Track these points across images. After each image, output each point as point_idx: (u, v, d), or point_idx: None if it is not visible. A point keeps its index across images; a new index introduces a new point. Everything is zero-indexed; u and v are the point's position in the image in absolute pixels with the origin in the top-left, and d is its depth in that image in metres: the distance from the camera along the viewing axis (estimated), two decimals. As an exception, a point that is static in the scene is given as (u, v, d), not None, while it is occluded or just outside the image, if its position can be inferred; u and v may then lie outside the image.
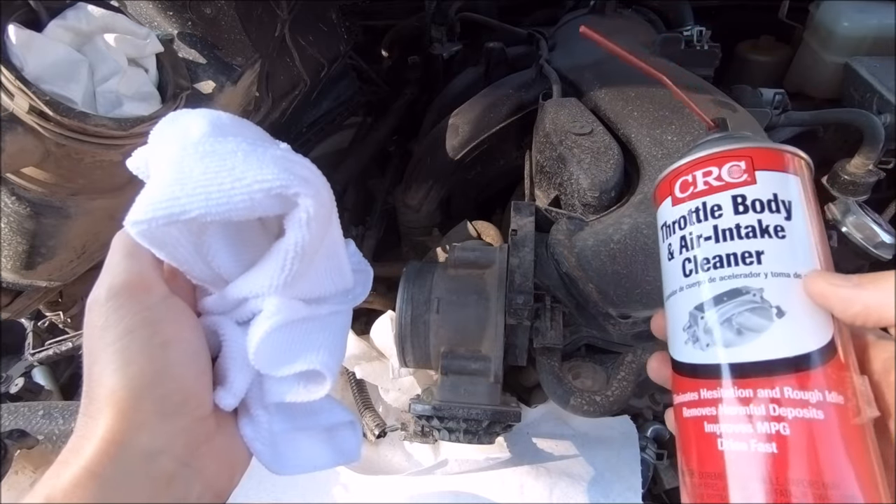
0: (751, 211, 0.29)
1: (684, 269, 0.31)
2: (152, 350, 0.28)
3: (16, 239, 0.53)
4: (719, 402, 0.27)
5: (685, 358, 0.30)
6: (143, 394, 0.27)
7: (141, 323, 0.28)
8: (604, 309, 0.54)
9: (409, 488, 0.63)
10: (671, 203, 0.33)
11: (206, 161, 0.27)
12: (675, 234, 0.32)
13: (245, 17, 0.66)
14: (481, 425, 0.55)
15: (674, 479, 0.66)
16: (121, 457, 0.26)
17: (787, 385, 0.25)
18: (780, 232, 0.28)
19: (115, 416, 0.27)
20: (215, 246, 0.30)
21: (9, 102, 0.43)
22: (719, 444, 0.26)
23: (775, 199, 0.29)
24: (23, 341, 0.97)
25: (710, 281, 0.29)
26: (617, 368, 0.54)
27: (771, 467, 0.25)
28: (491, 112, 0.82)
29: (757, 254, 0.28)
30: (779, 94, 0.87)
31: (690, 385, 0.29)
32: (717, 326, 0.28)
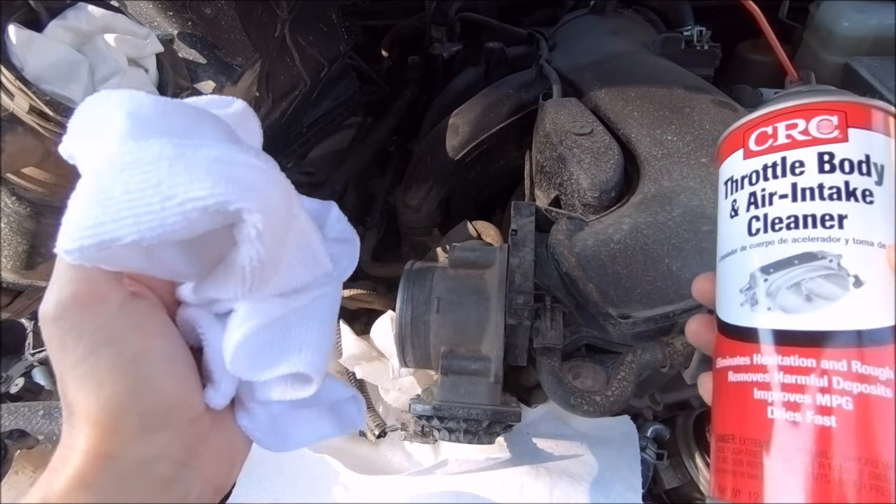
0: (838, 171, 0.27)
1: (750, 228, 0.28)
2: (122, 368, 0.25)
3: (16, 239, 0.53)
4: (776, 370, 0.25)
5: (739, 321, 0.28)
6: (123, 413, 0.25)
7: (102, 341, 0.25)
8: (604, 309, 0.54)
9: (409, 488, 0.63)
10: (742, 156, 0.30)
11: (126, 175, 0.23)
12: (743, 189, 0.29)
13: (245, 17, 0.66)
14: (481, 425, 0.55)
15: (674, 479, 0.66)
16: (112, 466, 0.25)
17: (855, 359, 0.24)
18: (868, 197, 0.26)
19: (97, 434, 0.25)
20: (169, 257, 0.27)
21: (9, 102, 0.43)
22: (769, 412, 0.25)
23: (867, 161, 0.27)
24: (23, 341, 0.97)
25: (781, 242, 0.27)
26: (617, 368, 0.54)
27: (824, 441, 0.23)
28: (491, 112, 0.82)
29: (840, 217, 0.26)
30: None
31: (741, 349, 0.27)
32: (782, 290, 0.26)
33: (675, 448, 0.66)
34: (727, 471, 0.27)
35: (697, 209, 0.57)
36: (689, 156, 0.61)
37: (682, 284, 0.55)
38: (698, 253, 0.55)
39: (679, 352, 0.53)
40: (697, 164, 0.60)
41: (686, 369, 0.54)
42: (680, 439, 0.67)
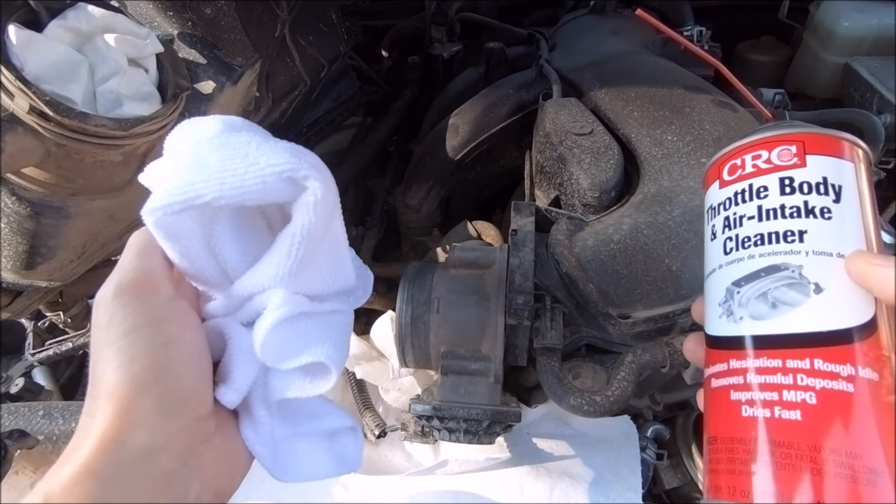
0: (797, 192, 0.30)
1: (725, 248, 0.32)
2: (155, 348, 0.28)
3: (16, 239, 0.53)
4: (747, 372, 0.28)
5: (718, 331, 0.31)
6: (144, 390, 0.27)
7: (145, 321, 0.29)
8: (604, 309, 0.54)
9: (409, 488, 0.63)
10: (718, 186, 0.34)
11: (221, 151, 0.28)
12: (720, 215, 0.33)
13: (245, 18, 0.66)
14: (481, 425, 0.55)
15: (674, 479, 0.66)
16: (119, 454, 0.26)
17: (817, 357, 0.26)
18: (826, 213, 0.29)
19: (114, 412, 0.27)
20: (224, 238, 0.31)
21: (9, 102, 0.43)
22: (743, 411, 0.28)
23: (825, 183, 0.30)
24: (23, 341, 0.97)
25: (750, 258, 0.30)
26: (617, 368, 0.54)
27: (794, 433, 0.26)
28: (491, 112, 0.82)
29: (799, 233, 0.29)
30: (779, 94, 0.87)
31: (720, 357, 0.30)
32: (751, 300, 0.29)
33: (675, 448, 0.66)
34: (714, 470, 0.29)
35: (697, 209, 0.57)
36: (689, 156, 0.61)
37: (681, 284, 0.55)
38: (698, 253, 0.55)
39: (679, 352, 0.53)
40: (697, 164, 0.60)
41: (686, 369, 0.54)
42: (680, 439, 0.67)
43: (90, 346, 0.30)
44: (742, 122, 0.66)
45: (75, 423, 0.66)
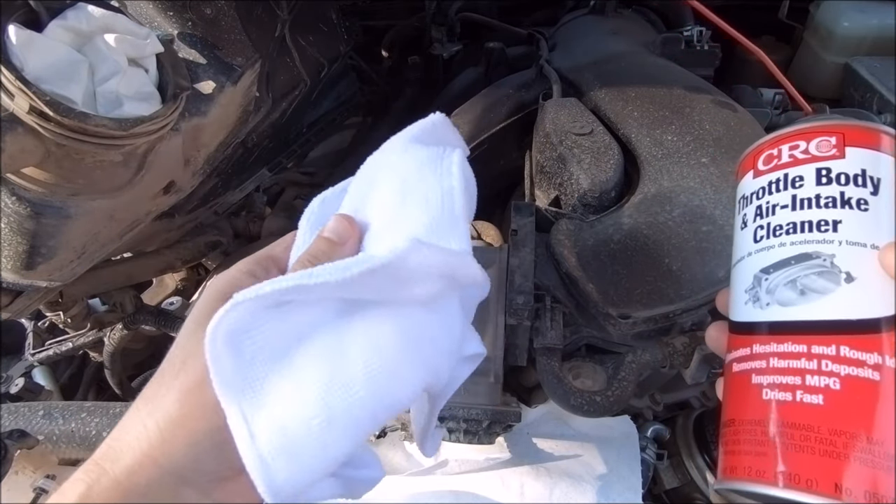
0: (834, 183, 0.30)
1: (755, 236, 0.32)
2: None
3: (16, 239, 0.53)
4: (770, 356, 0.28)
5: (743, 318, 0.31)
6: (212, 434, 0.27)
7: None
8: (604, 309, 0.54)
9: (409, 488, 0.63)
10: (752, 176, 0.34)
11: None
12: (752, 204, 0.33)
13: (245, 18, 0.66)
14: (481, 425, 0.55)
15: (674, 479, 0.66)
16: (153, 478, 0.26)
17: (844, 345, 0.26)
18: (862, 205, 0.29)
19: (170, 437, 0.26)
20: None
21: (9, 102, 0.43)
22: (764, 394, 0.28)
23: (863, 175, 0.29)
24: (23, 341, 0.97)
25: (780, 246, 0.30)
26: (617, 368, 0.54)
27: (814, 417, 0.26)
28: (491, 112, 0.82)
29: (834, 222, 0.29)
30: (779, 95, 0.87)
31: (744, 342, 0.30)
32: (779, 287, 0.29)
33: (675, 448, 0.66)
34: (730, 452, 0.29)
35: (697, 209, 0.57)
36: (689, 156, 0.61)
37: (682, 284, 0.55)
38: (698, 253, 0.55)
39: (679, 352, 0.53)
40: (697, 164, 0.60)
41: (686, 369, 0.54)
42: (680, 439, 0.66)
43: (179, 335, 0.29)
44: (742, 122, 0.66)
45: (75, 422, 0.66)
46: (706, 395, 0.75)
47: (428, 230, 0.31)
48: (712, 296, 0.54)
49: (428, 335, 0.30)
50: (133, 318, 0.89)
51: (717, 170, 0.59)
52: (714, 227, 0.56)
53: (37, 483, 0.63)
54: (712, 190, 0.58)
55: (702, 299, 0.54)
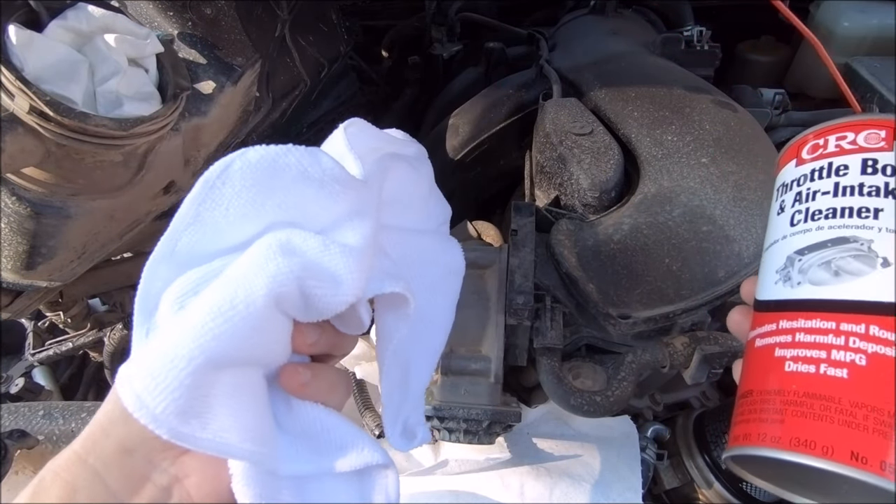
0: (880, 174, 0.30)
1: (792, 220, 0.32)
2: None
3: (16, 239, 0.53)
4: (797, 332, 0.29)
5: (771, 296, 0.32)
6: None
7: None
8: (604, 309, 0.54)
9: (409, 488, 0.63)
10: (794, 164, 0.34)
11: None
12: (791, 190, 0.33)
13: (245, 18, 0.66)
14: (481, 425, 0.55)
15: (674, 479, 0.66)
16: (101, 444, 0.27)
17: (874, 324, 0.27)
18: None
19: (113, 402, 0.27)
20: None
21: (9, 103, 0.43)
22: (786, 366, 0.29)
23: None
24: (23, 341, 0.97)
25: (818, 229, 0.31)
26: (617, 368, 0.54)
27: (837, 389, 0.27)
28: (491, 112, 0.82)
29: (875, 210, 0.29)
30: (779, 94, 0.87)
31: (770, 318, 0.31)
32: (813, 267, 0.30)
33: (675, 448, 0.66)
34: (743, 421, 0.30)
35: (697, 209, 0.57)
36: (689, 156, 0.61)
37: (681, 284, 0.55)
38: (698, 253, 0.55)
39: (679, 352, 0.53)
40: (697, 164, 0.60)
41: (686, 369, 0.54)
42: (680, 439, 0.66)
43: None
44: (742, 122, 0.66)
45: (75, 422, 0.65)
46: (706, 395, 0.75)
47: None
48: (712, 296, 0.54)
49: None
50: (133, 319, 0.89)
51: (717, 170, 0.59)
52: (714, 227, 0.56)
53: (37, 483, 0.63)
54: (712, 190, 0.58)
55: (702, 299, 0.54)
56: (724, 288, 0.54)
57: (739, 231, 0.56)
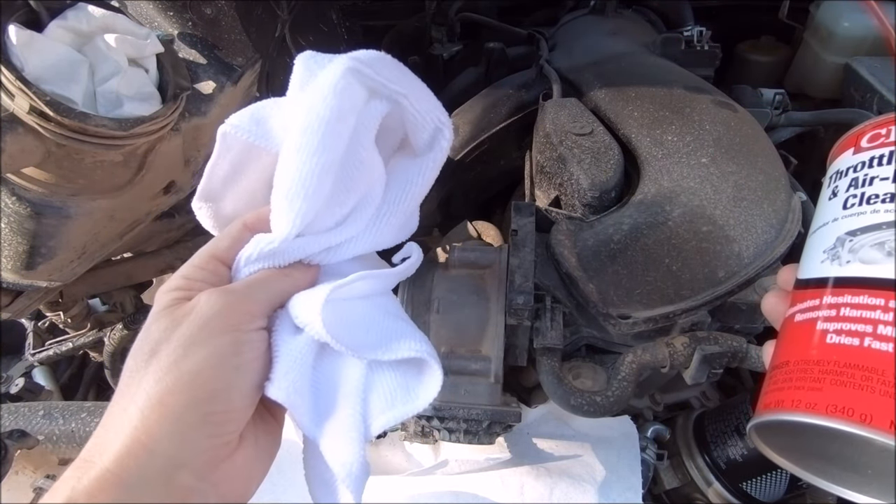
0: None
1: (845, 204, 0.32)
2: (226, 370, 0.28)
3: (16, 239, 0.53)
4: (843, 307, 0.29)
5: (816, 274, 0.32)
6: (195, 406, 0.27)
7: (230, 339, 0.29)
8: (604, 309, 0.54)
9: (409, 488, 0.63)
10: (852, 152, 0.34)
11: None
12: (847, 177, 0.34)
13: (245, 18, 0.66)
14: (481, 425, 0.55)
15: (674, 479, 0.66)
16: (146, 462, 0.26)
17: None
18: None
19: (157, 418, 0.26)
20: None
21: (9, 103, 0.43)
22: (829, 338, 0.29)
23: None
24: (23, 341, 0.97)
25: (873, 212, 0.31)
26: (617, 369, 0.54)
27: (881, 361, 0.27)
28: (491, 112, 0.82)
29: (893, 196, 0.30)
30: (779, 95, 0.87)
31: (813, 294, 0.31)
32: (865, 247, 0.30)
33: (675, 448, 0.66)
34: (776, 389, 0.30)
35: (697, 209, 0.57)
36: (689, 156, 0.61)
37: (682, 284, 0.55)
38: (698, 253, 0.55)
39: (679, 352, 0.53)
40: (697, 164, 0.60)
41: (686, 369, 0.54)
42: (680, 439, 0.67)
43: (143, 331, 0.29)
44: (742, 122, 0.66)
45: (75, 422, 0.66)
46: (706, 396, 0.75)
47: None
48: (712, 296, 0.54)
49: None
50: (133, 318, 0.89)
51: (717, 170, 0.59)
52: (714, 227, 0.56)
53: (37, 483, 0.63)
54: (712, 190, 0.58)
55: (702, 299, 0.54)
56: (724, 288, 0.54)
57: (739, 231, 0.56)
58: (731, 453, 0.61)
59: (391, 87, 0.33)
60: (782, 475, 0.60)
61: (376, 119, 0.34)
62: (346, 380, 0.33)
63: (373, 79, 0.32)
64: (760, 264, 0.54)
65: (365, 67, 0.31)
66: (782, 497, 0.61)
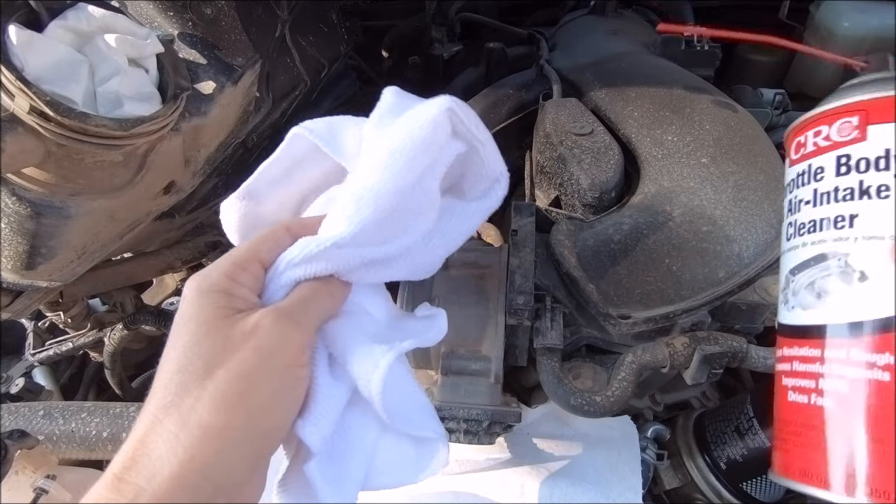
0: (853, 171, 0.28)
1: (787, 233, 0.32)
2: (276, 398, 0.28)
3: (16, 239, 0.53)
4: (794, 359, 0.29)
5: (780, 319, 0.32)
6: (253, 441, 0.27)
7: (285, 365, 0.28)
8: (604, 309, 0.54)
9: (409, 488, 0.63)
10: (788, 164, 0.34)
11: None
12: (787, 197, 0.33)
13: (245, 18, 0.66)
14: (481, 425, 0.55)
15: (674, 479, 0.66)
16: (196, 489, 0.26)
17: (854, 347, 0.26)
18: (882, 192, 0.27)
19: (213, 448, 0.26)
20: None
21: (9, 103, 0.43)
22: (789, 396, 0.29)
23: (886, 156, 0.28)
24: (23, 341, 0.97)
25: (803, 245, 0.30)
26: (617, 369, 0.54)
27: (824, 420, 0.27)
28: (491, 112, 0.82)
29: (850, 217, 0.28)
30: (779, 95, 0.87)
31: (780, 343, 0.32)
32: (801, 290, 0.30)
33: (675, 448, 0.66)
34: (774, 447, 0.31)
35: (697, 209, 0.57)
36: (690, 156, 0.61)
37: (682, 284, 0.55)
38: (698, 253, 0.55)
39: (679, 352, 0.53)
40: (698, 165, 0.60)
41: (686, 370, 0.54)
42: (680, 439, 0.66)
43: (178, 326, 0.29)
44: (742, 122, 0.66)
45: (75, 422, 0.65)
46: (706, 396, 0.75)
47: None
48: (712, 296, 0.54)
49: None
50: (133, 318, 0.89)
51: (717, 170, 0.59)
52: (714, 227, 0.56)
53: (37, 483, 0.63)
54: (712, 190, 0.58)
55: (702, 299, 0.54)
56: (724, 288, 0.54)
57: (739, 231, 0.56)
58: (731, 453, 0.61)
59: (473, 132, 0.35)
60: (782, 475, 0.60)
61: (451, 157, 0.35)
62: (364, 437, 0.34)
63: (462, 121, 0.34)
64: (761, 264, 0.54)
65: (458, 110, 0.33)
66: (782, 497, 0.61)
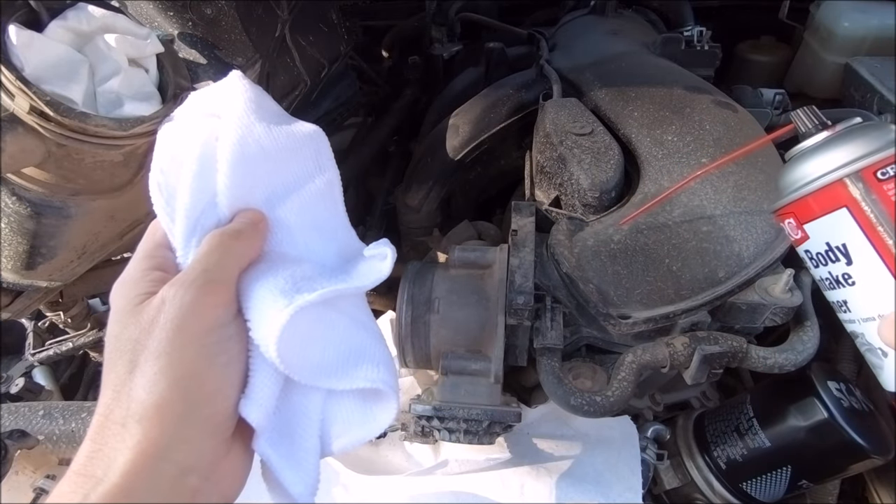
0: (820, 265, 0.29)
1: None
2: (217, 367, 0.28)
3: (16, 239, 0.53)
4: None
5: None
6: (194, 410, 0.27)
7: (217, 337, 0.28)
8: (604, 309, 0.54)
9: (409, 488, 0.63)
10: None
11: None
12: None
13: (245, 18, 0.66)
14: (481, 425, 0.55)
15: (674, 479, 0.66)
16: (156, 471, 0.26)
17: None
18: (848, 280, 0.28)
19: (160, 429, 0.26)
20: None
21: (9, 103, 0.43)
22: None
23: (830, 249, 0.28)
24: (23, 341, 0.97)
25: (844, 322, 0.32)
26: (617, 369, 0.54)
27: None
28: (491, 112, 0.82)
29: (845, 303, 0.29)
30: (779, 95, 0.87)
31: None
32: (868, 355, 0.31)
33: (675, 448, 0.66)
34: None
35: (697, 209, 0.57)
36: (690, 156, 0.61)
37: (682, 284, 0.55)
38: (698, 253, 0.55)
39: (679, 352, 0.53)
40: (697, 165, 0.60)
41: (686, 370, 0.54)
42: (680, 439, 0.66)
43: (111, 343, 0.28)
44: (742, 122, 0.66)
45: (75, 422, 0.65)
46: (706, 395, 0.75)
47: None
48: (712, 296, 0.54)
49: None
50: (133, 318, 0.89)
51: (717, 170, 0.59)
52: (714, 227, 0.56)
53: (37, 483, 0.63)
54: (712, 190, 0.58)
55: (702, 299, 0.54)
56: (724, 288, 0.54)
57: (739, 231, 0.56)
58: (731, 453, 0.61)
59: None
60: (782, 475, 0.60)
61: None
62: (307, 404, 0.33)
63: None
64: (760, 264, 0.54)
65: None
66: (782, 497, 0.61)
